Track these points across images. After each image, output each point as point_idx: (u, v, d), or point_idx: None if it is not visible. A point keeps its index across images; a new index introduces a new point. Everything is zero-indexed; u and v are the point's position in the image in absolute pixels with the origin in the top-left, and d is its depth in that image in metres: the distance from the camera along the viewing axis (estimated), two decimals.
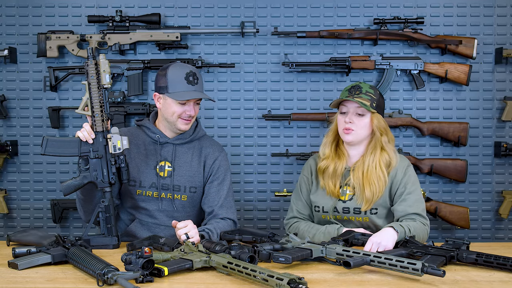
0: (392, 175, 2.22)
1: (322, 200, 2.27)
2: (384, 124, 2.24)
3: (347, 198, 2.23)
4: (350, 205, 2.22)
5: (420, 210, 2.18)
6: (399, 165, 2.24)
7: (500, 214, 3.18)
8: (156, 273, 1.65)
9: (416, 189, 2.22)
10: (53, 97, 3.21)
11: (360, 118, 2.20)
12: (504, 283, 1.61)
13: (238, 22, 3.16)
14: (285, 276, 1.45)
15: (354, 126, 2.20)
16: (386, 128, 2.25)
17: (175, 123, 2.28)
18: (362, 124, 2.20)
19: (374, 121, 2.21)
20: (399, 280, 1.64)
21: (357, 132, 2.20)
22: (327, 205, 2.25)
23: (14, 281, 1.65)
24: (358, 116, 2.20)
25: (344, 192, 2.24)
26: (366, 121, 2.20)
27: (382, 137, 2.22)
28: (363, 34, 3.09)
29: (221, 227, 2.23)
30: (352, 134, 2.20)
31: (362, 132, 2.21)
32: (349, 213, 2.22)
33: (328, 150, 2.28)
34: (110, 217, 2.13)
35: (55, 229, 3.20)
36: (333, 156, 2.27)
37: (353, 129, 2.20)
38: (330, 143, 2.30)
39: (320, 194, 2.28)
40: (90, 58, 2.12)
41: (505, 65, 3.18)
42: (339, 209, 2.24)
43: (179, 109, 2.25)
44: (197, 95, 2.26)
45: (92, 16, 3.10)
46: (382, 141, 2.22)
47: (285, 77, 3.21)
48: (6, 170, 3.24)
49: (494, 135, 3.21)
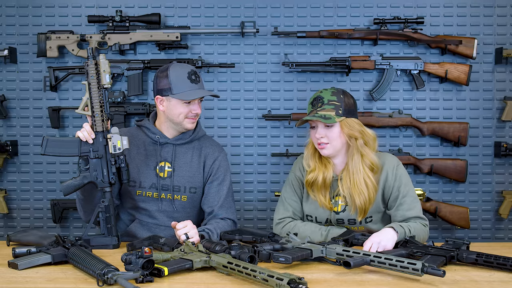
0: (383, 178, 2.18)
1: (315, 211, 2.24)
2: (358, 127, 2.16)
3: (340, 209, 2.20)
4: (344, 216, 2.20)
5: (418, 212, 2.16)
6: (388, 167, 2.19)
7: (500, 214, 3.17)
8: (156, 273, 1.65)
9: (409, 189, 2.18)
10: (53, 97, 3.20)
11: (329, 130, 2.13)
12: (504, 283, 1.61)
13: (238, 22, 3.16)
14: (285, 276, 1.45)
15: (326, 139, 2.14)
16: (361, 131, 2.16)
17: (182, 123, 2.28)
18: (333, 135, 2.14)
19: (345, 128, 2.13)
20: (399, 280, 1.64)
21: (331, 145, 2.15)
22: (320, 216, 2.23)
23: (14, 281, 1.65)
24: (327, 128, 2.14)
25: (336, 203, 2.21)
26: (336, 130, 2.13)
27: (357, 141, 2.15)
28: (363, 34, 3.09)
29: (221, 227, 2.23)
30: (327, 148, 2.15)
31: (336, 143, 2.15)
32: (343, 223, 2.21)
33: (312, 162, 2.23)
34: (110, 217, 2.13)
35: (55, 229, 3.20)
36: (319, 166, 2.21)
37: (327, 142, 2.15)
38: (312, 155, 2.24)
39: (313, 204, 2.24)
40: (90, 58, 2.12)
41: (505, 65, 3.18)
42: (333, 221, 2.21)
43: (185, 109, 2.25)
44: (203, 93, 2.27)
45: (92, 16, 3.10)
46: (358, 145, 2.15)
47: (285, 77, 3.21)
48: (6, 170, 3.24)
49: (494, 135, 3.21)
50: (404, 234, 1.99)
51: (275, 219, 2.30)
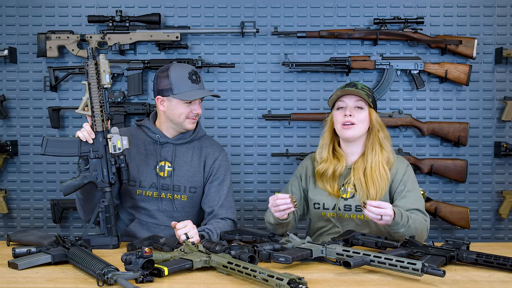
0: (393, 172, 2.22)
1: (323, 198, 2.26)
2: (380, 121, 2.24)
3: (349, 196, 2.22)
4: (352, 202, 2.21)
5: (420, 206, 2.18)
6: (399, 164, 2.24)
7: (500, 214, 3.18)
8: (156, 273, 1.65)
9: (415, 188, 2.22)
10: (53, 97, 3.21)
11: (359, 112, 2.19)
12: (504, 283, 1.61)
13: (238, 22, 3.16)
14: (285, 276, 1.45)
15: (354, 119, 2.18)
16: (382, 125, 2.24)
17: (183, 123, 2.29)
18: (362, 117, 2.19)
19: (373, 115, 2.21)
20: (399, 280, 1.64)
21: (358, 126, 2.18)
22: (328, 203, 2.24)
23: (14, 281, 1.65)
24: (358, 109, 2.19)
25: (345, 190, 2.23)
26: (365, 114, 2.20)
27: (379, 133, 2.21)
28: (363, 34, 3.09)
29: (221, 227, 2.23)
30: (353, 129, 2.18)
31: (362, 126, 2.20)
32: (350, 210, 2.22)
33: (325, 153, 2.25)
34: (110, 217, 2.13)
35: (55, 229, 3.20)
36: (331, 158, 2.24)
37: (354, 122, 2.18)
38: (327, 145, 2.27)
39: (320, 192, 2.27)
40: (90, 58, 2.12)
41: (505, 65, 3.18)
42: (341, 207, 2.22)
43: (185, 109, 2.26)
44: (204, 93, 2.27)
45: (92, 16, 3.10)
46: (380, 137, 2.20)
47: (285, 77, 3.21)
48: (6, 170, 3.24)
49: (494, 135, 3.21)
50: (401, 217, 1.97)
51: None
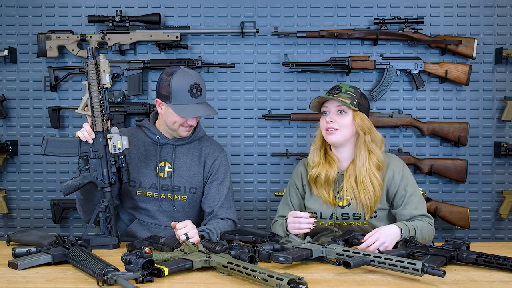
0: (389, 177, 2.19)
1: (319, 207, 2.23)
2: (368, 124, 2.18)
3: (345, 204, 2.20)
4: (349, 211, 2.19)
5: (424, 210, 2.18)
6: (395, 166, 2.21)
7: (500, 214, 3.18)
8: (156, 273, 1.65)
9: (415, 189, 2.21)
10: (53, 97, 3.21)
11: (341, 117, 2.16)
12: (504, 283, 1.61)
13: (238, 22, 3.16)
14: (285, 276, 1.45)
15: (336, 125, 2.15)
16: (371, 128, 2.18)
17: (176, 130, 2.28)
18: (344, 122, 2.15)
19: (357, 119, 2.15)
20: (399, 280, 1.64)
21: (340, 131, 2.15)
22: (325, 212, 2.22)
23: (14, 281, 1.65)
24: (340, 114, 2.16)
25: (341, 197, 2.20)
26: (348, 119, 2.15)
27: (365, 136, 2.16)
28: (363, 34, 3.09)
29: (221, 227, 2.23)
30: (335, 134, 2.15)
31: (345, 131, 2.16)
32: (348, 218, 2.20)
33: (317, 157, 2.24)
34: (110, 217, 2.13)
35: (55, 229, 3.20)
36: (323, 163, 2.22)
37: (336, 128, 2.15)
38: (318, 149, 2.25)
39: (316, 200, 2.25)
40: (90, 58, 2.12)
41: (505, 65, 3.18)
42: (338, 215, 2.21)
43: (180, 119, 2.24)
44: (198, 112, 2.24)
45: (92, 16, 3.10)
46: (366, 140, 2.16)
47: (285, 77, 3.21)
48: (6, 170, 3.24)
49: (494, 135, 3.21)
50: (408, 233, 1.99)
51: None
